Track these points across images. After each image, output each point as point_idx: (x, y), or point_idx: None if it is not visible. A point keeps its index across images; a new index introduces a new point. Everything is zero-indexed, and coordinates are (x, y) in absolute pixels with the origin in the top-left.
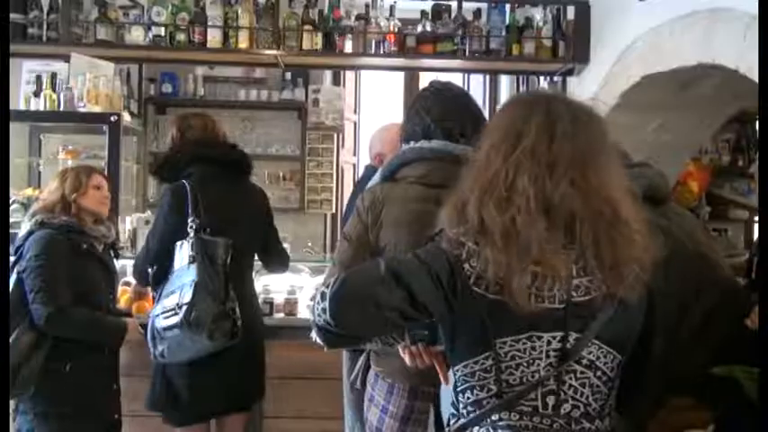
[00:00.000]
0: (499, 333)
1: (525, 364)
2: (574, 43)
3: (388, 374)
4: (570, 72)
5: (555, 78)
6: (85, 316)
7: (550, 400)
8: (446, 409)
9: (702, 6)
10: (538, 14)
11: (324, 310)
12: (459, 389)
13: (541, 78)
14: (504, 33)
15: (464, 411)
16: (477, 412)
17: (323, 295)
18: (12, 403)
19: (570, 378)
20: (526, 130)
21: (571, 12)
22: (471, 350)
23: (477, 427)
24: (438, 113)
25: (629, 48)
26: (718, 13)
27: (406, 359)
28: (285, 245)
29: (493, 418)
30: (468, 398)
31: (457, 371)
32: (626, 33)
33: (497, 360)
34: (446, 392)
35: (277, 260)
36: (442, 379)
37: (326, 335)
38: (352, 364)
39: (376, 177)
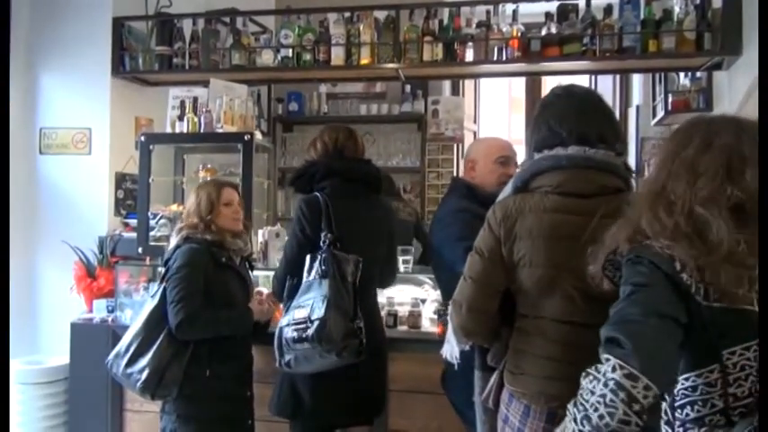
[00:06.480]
0: (727, 343)
1: (756, 375)
2: (722, 34)
3: (523, 395)
4: (718, 66)
5: (698, 74)
6: (209, 316)
7: None
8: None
9: None
10: (678, 5)
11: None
12: (677, 404)
13: (681, 75)
14: (638, 29)
15: (680, 430)
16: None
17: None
18: (158, 404)
19: None
20: None
21: None
22: (695, 363)
23: None
24: (569, 120)
25: None
26: None
27: None
28: (407, 257)
29: None
30: (688, 414)
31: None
32: None
33: (725, 372)
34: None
35: (389, 277)
36: None
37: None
38: (484, 382)
39: (507, 189)
